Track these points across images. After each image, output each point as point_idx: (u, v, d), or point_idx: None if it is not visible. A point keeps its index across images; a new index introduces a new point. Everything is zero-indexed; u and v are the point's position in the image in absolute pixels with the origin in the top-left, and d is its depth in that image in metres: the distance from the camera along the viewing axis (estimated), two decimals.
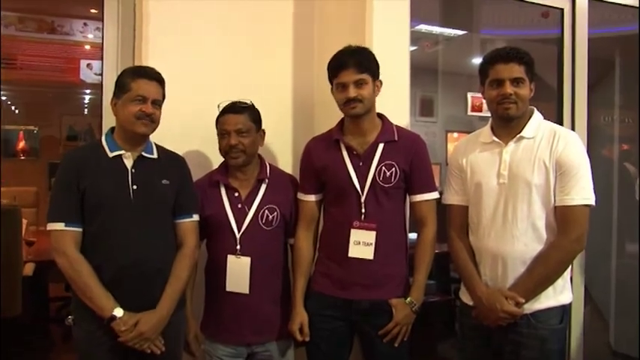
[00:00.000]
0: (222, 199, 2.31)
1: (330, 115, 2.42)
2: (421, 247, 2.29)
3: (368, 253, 2.22)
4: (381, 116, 2.32)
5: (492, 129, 2.25)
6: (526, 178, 2.12)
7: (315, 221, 2.40)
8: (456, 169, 2.32)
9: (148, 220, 2.09)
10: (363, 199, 2.23)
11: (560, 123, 3.15)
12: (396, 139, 2.26)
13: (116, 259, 2.02)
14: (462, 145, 2.36)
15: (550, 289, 2.12)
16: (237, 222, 2.28)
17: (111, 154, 2.09)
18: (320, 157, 2.33)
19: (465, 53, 4.42)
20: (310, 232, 2.39)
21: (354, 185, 2.23)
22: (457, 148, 2.39)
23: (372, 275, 2.23)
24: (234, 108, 2.31)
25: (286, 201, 2.37)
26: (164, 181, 2.14)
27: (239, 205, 2.30)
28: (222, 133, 2.30)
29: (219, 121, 2.32)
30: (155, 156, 2.17)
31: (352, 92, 2.18)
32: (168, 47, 2.63)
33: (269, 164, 2.42)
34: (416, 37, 3.38)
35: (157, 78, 2.12)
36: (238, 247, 2.27)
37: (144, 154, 2.14)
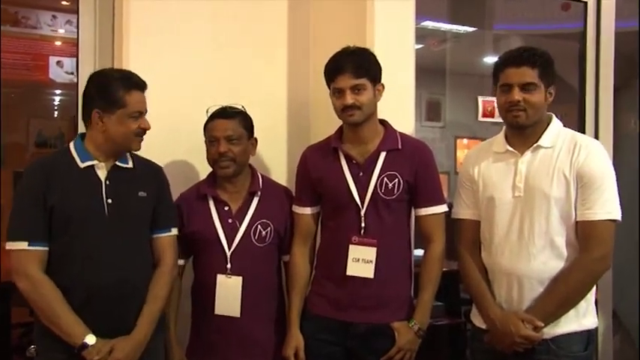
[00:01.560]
0: (210, 214, 2.34)
1: (328, 122, 2.45)
2: (427, 264, 2.32)
3: (368, 271, 2.25)
4: (383, 122, 2.36)
5: (506, 137, 2.28)
6: (544, 191, 2.15)
7: (312, 236, 2.44)
8: (467, 180, 2.36)
9: (124, 236, 2.09)
10: (362, 212, 2.26)
11: (582, 128, 3.17)
12: (400, 147, 2.30)
13: (88, 279, 2.01)
14: (473, 155, 2.40)
15: (572, 312, 2.14)
16: (227, 238, 2.31)
17: (82, 165, 2.09)
18: (317, 166, 2.36)
19: (475, 51, 4.41)
20: (306, 247, 2.42)
21: (353, 197, 2.27)
22: (468, 158, 2.43)
23: (373, 296, 2.26)
24: (225, 113, 2.34)
25: (280, 215, 2.41)
26: (141, 193, 2.16)
27: (229, 220, 2.33)
28: (211, 139, 2.33)
29: (207, 127, 2.36)
30: (130, 165, 2.18)
31: (349, 99, 2.20)
32: (152, 46, 2.65)
33: (261, 175, 2.45)
34: (422, 35, 3.41)
35: (145, 87, 2.14)
36: (229, 265, 2.30)
37: (118, 163, 2.14)
